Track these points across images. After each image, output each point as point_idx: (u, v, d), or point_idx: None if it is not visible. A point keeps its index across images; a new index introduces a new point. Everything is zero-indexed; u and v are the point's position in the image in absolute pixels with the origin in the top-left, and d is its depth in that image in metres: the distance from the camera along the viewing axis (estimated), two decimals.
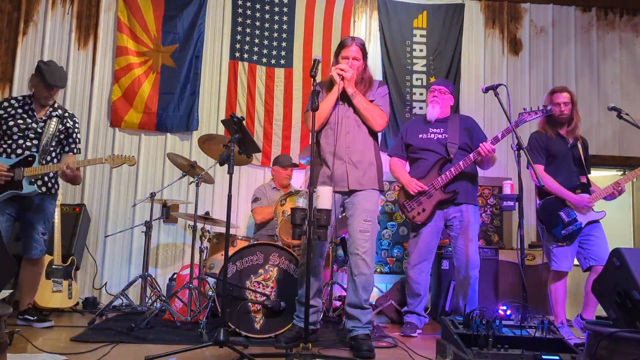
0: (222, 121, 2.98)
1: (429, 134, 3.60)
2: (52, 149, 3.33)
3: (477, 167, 3.60)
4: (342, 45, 2.98)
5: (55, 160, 3.36)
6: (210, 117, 5.09)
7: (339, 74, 2.84)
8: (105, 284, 4.74)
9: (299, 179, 5.02)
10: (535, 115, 3.25)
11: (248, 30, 5.19)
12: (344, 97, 2.92)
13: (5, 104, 3.29)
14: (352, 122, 2.93)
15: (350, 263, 2.87)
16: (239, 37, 5.16)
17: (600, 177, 5.28)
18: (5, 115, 3.24)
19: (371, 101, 2.95)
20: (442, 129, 3.58)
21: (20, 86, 4.90)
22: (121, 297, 3.80)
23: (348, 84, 2.87)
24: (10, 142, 3.22)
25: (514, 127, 3.25)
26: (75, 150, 3.45)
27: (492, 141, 3.33)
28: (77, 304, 4.15)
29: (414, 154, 3.64)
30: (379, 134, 3.07)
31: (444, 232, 3.64)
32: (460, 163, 3.40)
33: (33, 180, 3.21)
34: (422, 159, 3.58)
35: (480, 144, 3.33)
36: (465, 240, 3.44)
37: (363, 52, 2.99)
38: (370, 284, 2.85)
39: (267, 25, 5.22)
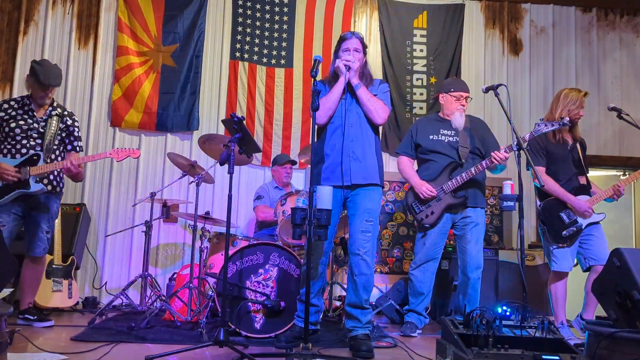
0: (223, 121, 2.98)
1: (439, 136, 3.55)
2: (55, 147, 3.36)
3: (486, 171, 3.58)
4: (342, 39, 2.98)
5: (59, 159, 3.40)
6: (211, 116, 5.09)
7: (345, 65, 2.83)
8: (105, 283, 4.74)
9: (299, 179, 5.02)
10: (552, 127, 3.16)
11: (248, 30, 5.19)
12: (349, 90, 2.90)
13: (5, 105, 3.32)
14: (355, 116, 2.90)
15: (350, 263, 2.86)
16: (239, 37, 5.16)
17: (601, 177, 5.29)
18: (6, 117, 3.27)
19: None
20: (453, 132, 3.53)
21: (21, 86, 4.89)
22: (121, 296, 3.80)
23: (354, 74, 2.86)
24: (14, 142, 3.25)
25: (530, 138, 3.24)
26: (78, 149, 3.49)
27: (506, 149, 3.28)
28: (77, 303, 4.16)
29: (424, 155, 3.59)
30: (380, 130, 3.05)
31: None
32: (473, 169, 3.37)
33: (39, 178, 3.24)
34: (432, 161, 3.54)
35: (493, 152, 3.29)
36: (470, 240, 3.45)
37: (363, 46, 2.99)
38: (371, 284, 2.85)
39: (267, 25, 5.22)
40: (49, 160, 3.29)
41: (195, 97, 5.03)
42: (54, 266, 3.88)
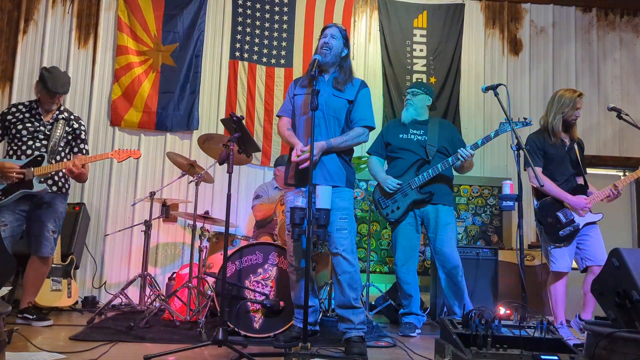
0: (222, 120, 2.97)
1: (409, 135, 3.66)
2: (60, 149, 3.42)
3: (453, 170, 3.66)
4: (323, 29, 2.92)
5: (64, 160, 3.44)
6: (210, 116, 5.09)
7: (299, 157, 2.72)
8: (105, 283, 4.74)
9: None
10: (515, 126, 3.19)
11: (248, 29, 5.19)
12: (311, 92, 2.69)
13: (14, 109, 3.41)
14: (321, 120, 2.83)
15: (333, 264, 2.82)
16: (239, 36, 5.16)
17: (601, 177, 5.28)
18: (14, 120, 3.36)
19: (351, 101, 2.85)
20: (422, 131, 3.65)
21: (21, 85, 4.90)
22: (120, 296, 3.80)
23: (317, 151, 2.71)
24: (20, 144, 3.32)
25: (494, 136, 3.39)
26: (84, 152, 3.55)
27: (471, 147, 3.41)
28: (77, 302, 4.16)
29: (393, 153, 3.70)
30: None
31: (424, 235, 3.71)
32: (439, 166, 3.47)
33: (43, 179, 3.29)
34: (400, 158, 3.64)
35: (459, 149, 3.40)
36: (441, 239, 3.50)
37: (343, 36, 2.90)
38: (356, 281, 2.75)
39: (267, 25, 5.22)
40: (53, 162, 3.34)
41: (194, 96, 5.03)
42: (53, 265, 3.88)
